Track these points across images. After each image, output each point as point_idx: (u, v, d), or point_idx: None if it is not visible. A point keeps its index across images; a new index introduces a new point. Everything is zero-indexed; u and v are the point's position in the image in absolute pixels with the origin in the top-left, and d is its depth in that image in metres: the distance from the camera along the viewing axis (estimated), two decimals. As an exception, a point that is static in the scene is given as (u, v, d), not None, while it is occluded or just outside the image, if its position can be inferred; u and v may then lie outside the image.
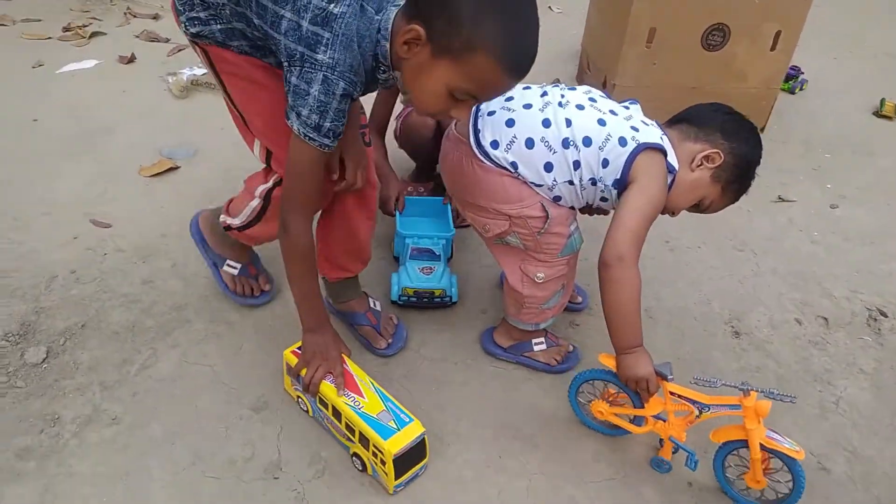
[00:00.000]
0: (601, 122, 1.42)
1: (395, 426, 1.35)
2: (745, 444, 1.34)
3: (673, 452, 1.45)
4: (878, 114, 2.96)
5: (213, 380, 1.58)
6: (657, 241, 2.11)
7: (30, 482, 1.34)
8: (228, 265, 1.74)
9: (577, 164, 1.41)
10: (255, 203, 1.55)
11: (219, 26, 1.32)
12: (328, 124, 1.21)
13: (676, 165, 1.44)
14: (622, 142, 1.40)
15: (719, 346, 1.79)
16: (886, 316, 1.92)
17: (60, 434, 1.43)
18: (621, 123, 1.43)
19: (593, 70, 2.84)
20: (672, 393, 1.38)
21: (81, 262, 1.86)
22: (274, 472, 1.41)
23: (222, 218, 1.64)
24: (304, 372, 1.44)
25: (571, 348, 1.71)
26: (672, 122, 1.53)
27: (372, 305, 1.72)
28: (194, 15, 1.33)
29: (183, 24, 1.35)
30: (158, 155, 2.30)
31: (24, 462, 1.38)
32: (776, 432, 1.34)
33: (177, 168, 2.25)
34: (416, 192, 2.10)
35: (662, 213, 1.46)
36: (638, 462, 1.49)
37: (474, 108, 1.43)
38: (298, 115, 1.20)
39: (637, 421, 1.46)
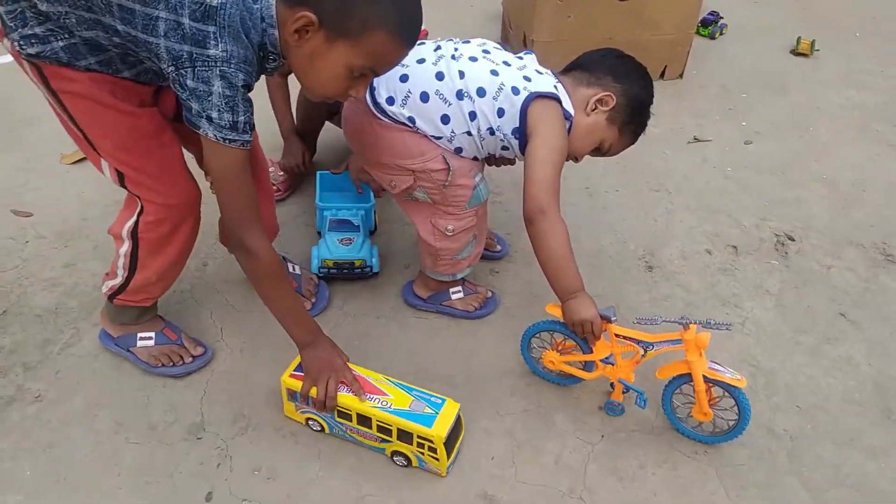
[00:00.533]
0: (494, 73, 1.45)
1: (431, 412, 1.34)
2: (689, 378, 1.38)
3: (623, 393, 1.49)
4: (795, 52, 3.05)
5: (135, 352, 1.61)
6: (576, 188, 2.16)
7: (-47, 462, 1.37)
8: (140, 339, 1.55)
9: (472, 115, 1.45)
10: (126, 247, 1.43)
11: (61, 43, 1.18)
12: (242, 118, 1.16)
13: (572, 111, 1.48)
14: (515, 91, 1.43)
15: (633, 280, 1.85)
16: (793, 240, 2.00)
17: (-17, 415, 1.46)
18: (514, 73, 1.46)
19: (514, 28, 2.88)
20: (617, 335, 1.42)
21: (1, 251, 1.86)
22: (197, 432, 1.44)
23: (104, 287, 1.51)
24: (313, 391, 1.38)
25: (490, 294, 1.76)
26: (566, 70, 1.57)
27: (292, 270, 1.75)
28: (29, 32, 1.16)
29: (16, 43, 1.18)
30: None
31: (-53, 444, 1.40)
32: (718, 363, 1.39)
33: (98, 154, 2.25)
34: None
35: (566, 159, 1.50)
36: (553, 393, 1.55)
37: None
38: (210, 119, 1.14)
39: (588, 367, 1.49)
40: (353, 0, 1.11)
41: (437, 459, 1.34)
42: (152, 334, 1.56)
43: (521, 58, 1.54)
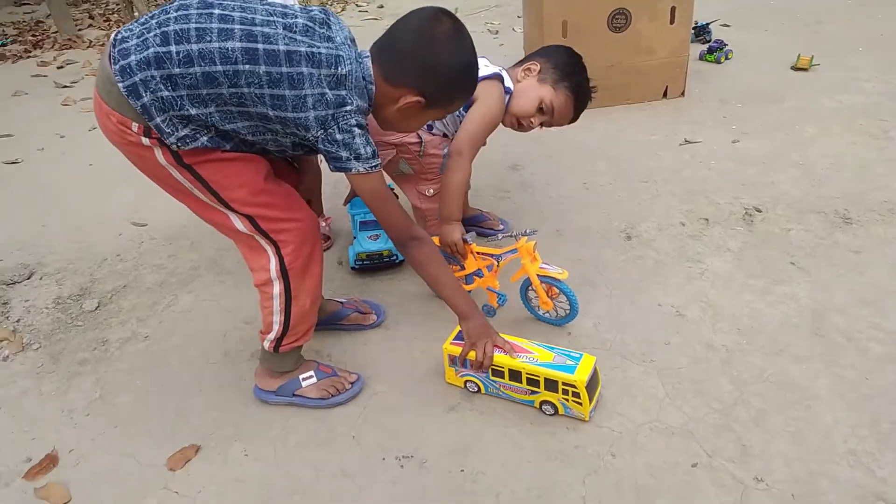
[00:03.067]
0: None
1: (572, 363, 1.58)
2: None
3: (499, 300, 1.92)
4: (794, 67, 3.35)
5: (216, 308, 2.11)
6: (575, 184, 2.56)
7: (88, 377, 1.89)
8: (303, 381, 1.72)
9: None
10: (277, 288, 1.57)
11: (205, 138, 1.40)
12: (371, 148, 1.44)
13: (512, 86, 1.92)
14: None
15: (613, 247, 2.21)
16: (760, 211, 2.30)
17: (108, 349, 1.99)
18: None
19: (534, 66, 3.36)
20: (476, 252, 1.89)
21: (124, 248, 2.46)
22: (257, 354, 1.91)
23: (266, 343, 1.66)
24: (471, 355, 1.65)
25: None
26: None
27: (341, 300, 2.00)
28: (182, 134, 1.38)
29: (173, 145, 1.39)
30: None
31: (84, 367, 1.93)
32: (548, 264, 1.81)
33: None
34: None
35: (518, 128, 1.95)
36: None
37: None
38: (358, 157, 1.42)
39: (467, 280, 1.94)
40: (450, 85, 1.50)
41: (580, 404, 1.57)
42: (311, 373, 1.73)
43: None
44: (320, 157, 1.54)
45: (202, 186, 1.46)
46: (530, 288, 1.88)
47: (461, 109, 1.91)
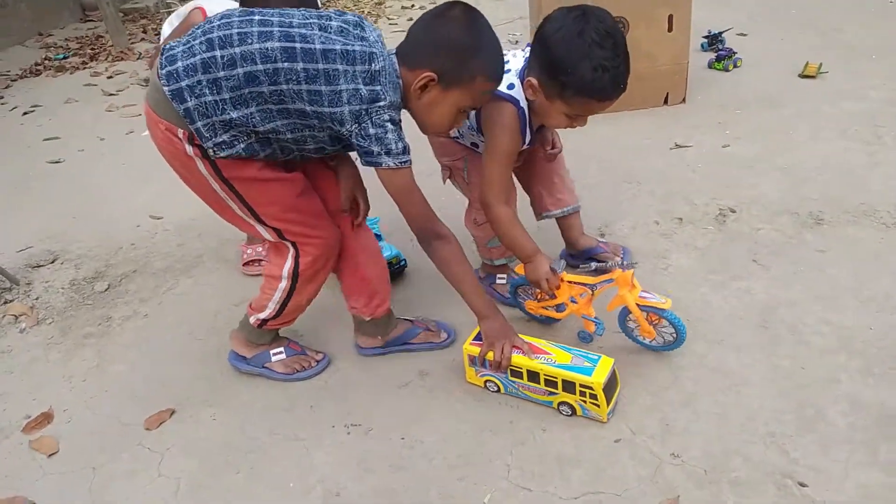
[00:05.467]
0: None
1: (590, 364, 1.59)
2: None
3: (596, 329, 1.79)
4: (802, 75, 3.35)
5: (211, 292, 2.30)
6: (561, 185, 2.65)
7: (90, 348, 2.10)
8: (273, 355, 1.85)
9: None
10: (284, 285, 1.72)
11: (242, 145, 1.49)
12: (404, 143, 1.49)
13: (524, 102, 1.70)
14: None
15: (585, 243, 2.29)
16: (735, 212, 2.35)
17: (111, 325, 2.20)
18: None
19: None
20: (569, 282, 1.78)
21: (139, 238, 2.68)
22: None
23: (252, 318, 1.80)
24: (490, 355, 1.66)
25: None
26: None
27: (410, 319, 1.97)
28: (220, 140, 1.46)
29: (210, 150, 1.48)
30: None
31: (88, 340, 2.14)
32: (647, 292, 1.71)
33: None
34: None
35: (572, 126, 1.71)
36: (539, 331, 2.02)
37: None
38: (389, 152, 1.46)
39: (559, 308, 1.86)
40: (461, 58, 1.47)
41: (598, 406, 1.58)
42: (282, 349, 1.86)
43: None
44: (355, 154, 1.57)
45: (238, 200, 1.58)
46: (629, 317, 1.77)
47: (475, 131, 1.82)
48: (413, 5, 5.76)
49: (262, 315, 1.79)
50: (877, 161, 2.56)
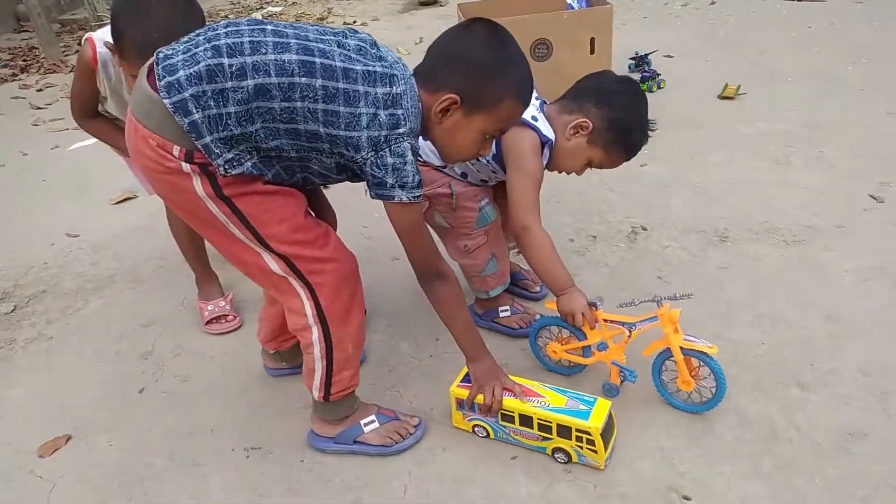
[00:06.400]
0: None
1: (586, 408, 1.50)
2: (670, 352, 1.58)
3: (619, 377, 1.69)
4: (721, 96, 3.47)
5: (120, 313, 2.25)
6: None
7: (-11, 373, 2.04)
8: (364, 426, 1.63)
9: None
10: (316, 333, 1.49)
11: (249, 164, 1.32)
12: (419, 177, 1.36)
13: (551, 136, 1.69)
14: None
15: (500, 261, 2.32)
16: (646, 230, 2.41)
17: (14, 348, 2.13)
18: None
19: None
20: (605, 320, 1.65)
21: (52, 257, 2.62)
22: (146, 356, 2.04)
23: (314, 392, 1.58)
24: (479, 398, 1.57)
25: (538, 317, 1.91)
26: (561, 97, 1.80)
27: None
28: (229, 156, 1.30)
29: (220, 168, 1.30)
30: (122, 190, 3.09)
31: (-12, 363, 2.08)
32: (693, 336, 1.60)
33: (135, 197, 3.03)
34: None
35: (560, 171, 1.79)
36: (555, 381, 2.03)
37: None
38: (403, 185, 1.33)
39: (585, 353, 1.72)
40: (486, 78, 1.35)
41: (595, 452, 1.49)
42: (373, 417, 1.64)
43: None
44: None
45: (239, 221, 1.37)
46: (664, 366, 1.64)
47: (490, 160, 1.75)
48: (355, 21, 5.79)
49: (316, 381, 1.56)
50: (784, 181, 2.66)
